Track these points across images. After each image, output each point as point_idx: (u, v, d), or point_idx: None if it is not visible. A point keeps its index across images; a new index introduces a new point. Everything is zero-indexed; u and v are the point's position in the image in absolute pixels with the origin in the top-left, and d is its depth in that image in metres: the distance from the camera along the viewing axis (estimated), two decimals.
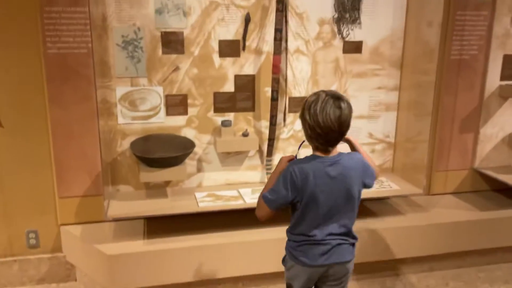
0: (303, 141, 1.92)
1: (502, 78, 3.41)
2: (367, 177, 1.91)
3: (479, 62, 3.33)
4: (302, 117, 1.80)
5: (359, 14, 3.15)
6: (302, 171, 1.80)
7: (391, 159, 3.50)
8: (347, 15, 3.12)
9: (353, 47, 3.21)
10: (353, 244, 1.96)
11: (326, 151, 1.83)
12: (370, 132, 3.42)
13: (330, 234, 1.87)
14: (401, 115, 3.41)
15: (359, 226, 2.92)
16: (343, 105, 1.74)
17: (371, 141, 3.43)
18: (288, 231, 1.97)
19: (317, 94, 1.78)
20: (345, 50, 3.21)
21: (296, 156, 1.93)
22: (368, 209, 3.22)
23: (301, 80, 3.20)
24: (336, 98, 1.75)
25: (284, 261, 2.02)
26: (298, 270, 1.94)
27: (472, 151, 3.48)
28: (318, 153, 1.85)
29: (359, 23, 3.17)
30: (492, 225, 3.15)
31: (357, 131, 3.37)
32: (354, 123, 3.26)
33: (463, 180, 3.52)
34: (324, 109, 1.72)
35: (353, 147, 2.02)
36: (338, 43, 3.19)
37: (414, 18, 3.21)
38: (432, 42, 3.08)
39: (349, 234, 1.92)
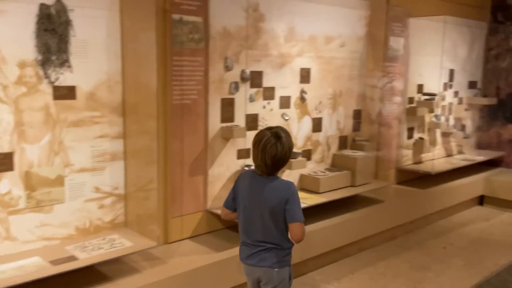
0: None
1: (222, 121, 3.59)
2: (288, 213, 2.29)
3: (200, 106, 3.42)
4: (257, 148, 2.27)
5: (67, 56, 2.81)
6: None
7: (123, 212, 3.22)
8: (54, 57, 2.75)
9: (65, 93, 2.84)
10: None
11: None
12: (96, 186, 3.06)
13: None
14: (129, 164, 3.18)
15: None
16: (279, 145, 2.22)
17: (98, 195, 3.08)
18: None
19: (263, 133, 2.27)
20: (56, 96, 2.81)
21: None
22: (102, 273, 2.84)
23: (2, 133, 2.64)
24: (277, 137, 2.23)
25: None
26: None
27: (204, 192, 3.52)
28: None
29: (69, 67, 2.83)
30: (228, 264, 3.17)
31: (80, 187, 2.98)
32: (76, 178, 2.95)
33: (198, 223, 3.52)
34: (265, 148, 2.22)
35: None
36: (46, 88, 2.77)
37: (130, 62, 3.06)
38: (151, 86, 2.98)
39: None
